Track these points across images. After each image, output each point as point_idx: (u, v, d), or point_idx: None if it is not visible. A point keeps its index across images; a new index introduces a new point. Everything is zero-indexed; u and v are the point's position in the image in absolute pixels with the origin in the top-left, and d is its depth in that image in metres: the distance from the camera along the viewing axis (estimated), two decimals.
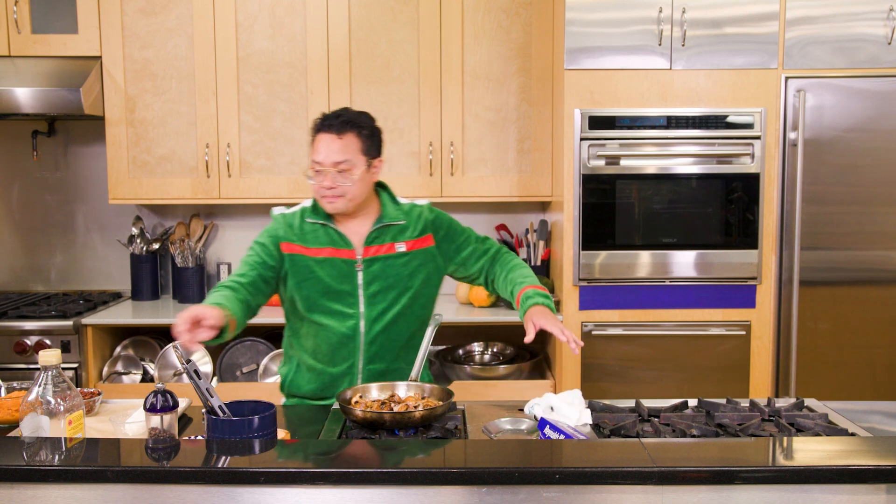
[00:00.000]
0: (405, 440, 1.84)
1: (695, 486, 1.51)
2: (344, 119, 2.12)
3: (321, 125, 2.14)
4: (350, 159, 2.11)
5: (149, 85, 3.57)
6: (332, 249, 2.17)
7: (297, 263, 2.18)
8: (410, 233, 2.22)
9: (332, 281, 2.16)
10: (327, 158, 2.10)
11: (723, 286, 3.29)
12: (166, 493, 1.52)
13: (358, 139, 2.13)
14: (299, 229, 2.20)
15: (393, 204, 2.25)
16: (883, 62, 3.21)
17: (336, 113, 2.15)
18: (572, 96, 3.24)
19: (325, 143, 2.11)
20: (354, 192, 2.13)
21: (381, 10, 3.53)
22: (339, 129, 2.11)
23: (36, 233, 3.97)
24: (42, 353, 1.68)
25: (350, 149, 2.11)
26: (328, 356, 2.21)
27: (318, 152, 2.12)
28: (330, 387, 2.22)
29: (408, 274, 2.20)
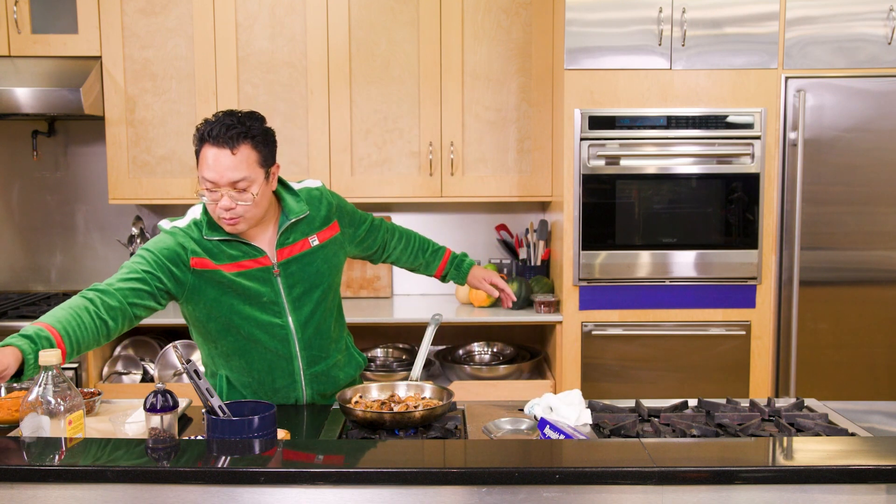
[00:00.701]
0: (405, 440, 1.84)
1: (695, 486, 1.51)
2: (236, 131, 1.88)
3: (209, 136, 1.90)
4: (248, 175, 1.89)
5: (149, 85, 3.57)
6: (244, 263, 2.00)
7: (209, 279, 1.99)
8: (318, 223, 2.09)
9: (251, 293, 2.01)
10: (221, 178, 1.88)
11: (723, 286, 3.29)
12: (166, 493, 1.52)
13: (253, 150, 1.91)
14: (203, 244, 2.00)
15: (292, 196, 2.06)
16: (883, 62, 3.21)
17: (224, 122, 1.90)
18: (572, 96, 3.24)
19: (216, 159, 1.88)
20: (255, 211, 1.94)
21: (381, 10, 3.53)
22: (231, 142, 1.88)
23: (36, 233, 3.97)
24: (42, 353, 1.68)
25: (246, 163, 1.89)
26: (267, 372, 2.09)
27: (208, 169, 1.89)
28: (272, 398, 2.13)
29: (326, 267, 2.10)
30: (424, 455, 1.63)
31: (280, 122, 3.58)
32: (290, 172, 3.59)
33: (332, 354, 2.19)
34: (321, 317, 2.12)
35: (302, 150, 3.58)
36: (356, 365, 2.29)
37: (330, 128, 3.57)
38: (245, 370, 2.10)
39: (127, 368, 3.51)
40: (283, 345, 2.08)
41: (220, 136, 1.88)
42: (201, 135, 1.93)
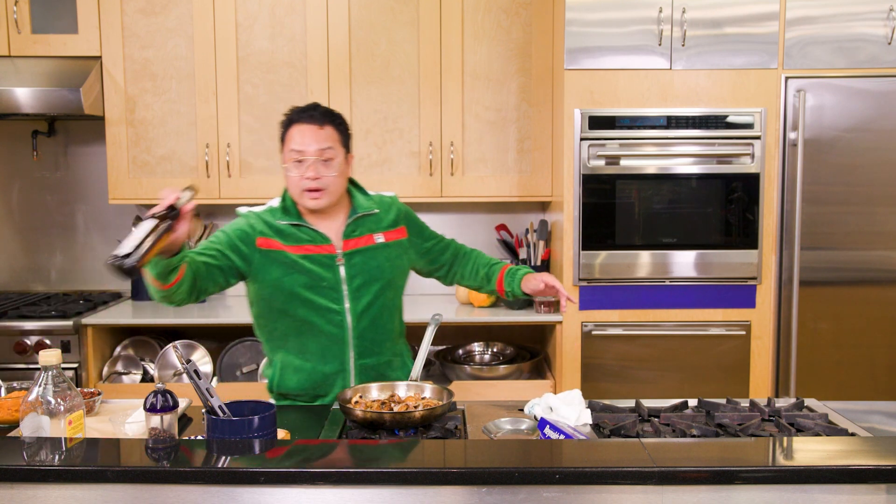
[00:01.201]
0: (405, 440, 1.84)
1: (695, 486, 1.51)
2: (322, 111, 2.13)
3: (298, 117, 2.12)
4: (332, 147, 2.09)
5: (149, 85, 3.57)
6: (310, 246, 2.13)
7: (275, 259, 2.12)
8: (386, 223, 2.21)
9: (313, 277, 2.12)
10: (310, 147, 2.07)
11: (723, 286, 3.29)
12: (166, 493, 1.52)
13: (336, 131, 2.13)
14: (272, 228, 2.15)
15: (363, 195, 2.23)
16: (883, 62, 3.21)
17: (313, 105, 2.15)
18: (572, 96, 3.24)
19: (307, 132, 2.09)
20: (336, 186, 2.11)
21: (381, 10, 3.53)
22: (320, 120, 2.10)
23: (36, 233, 3.97)
24: (42, 353, 1.68)
25: (332, 137, 2.11)
26: (318, 355, 2.16)
27: (297, 142, 2.08)
28: (322, 385, 2.18)
29: (388, 265, 2.19)
30: (424, 455, 1.63)
31: None
32: None
33: (385, 352, 2.21)
34: (378, 311, 2.17)
35: None
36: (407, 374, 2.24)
37: None
38: (299, 353, 2.15)
39: (127, 368, 3.51)
40: (338, 330, 2.13)
41: (312, 115, 2.10)
42: (289, 118, 2.14)
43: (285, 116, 2.16)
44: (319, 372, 2.17)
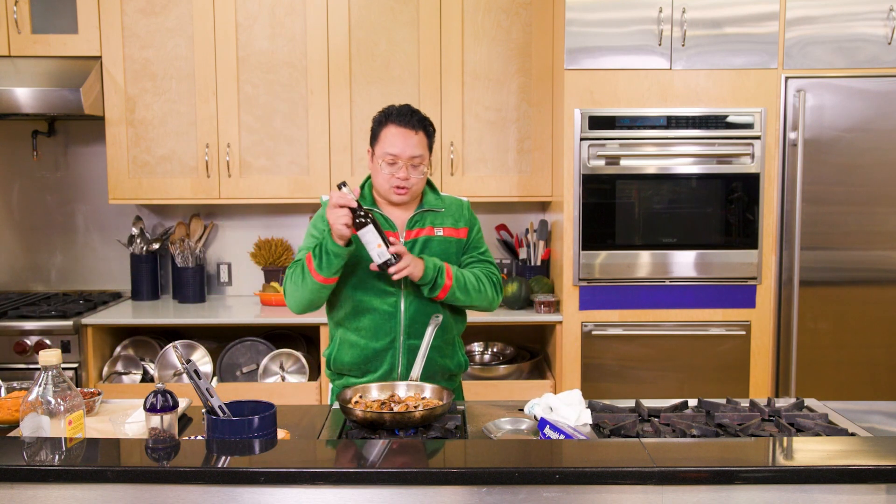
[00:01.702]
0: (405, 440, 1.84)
1: (695, 486, 1.51)
2: (418, 117, 2.25)
3: (397, 119, 2.23)
4: (422, 154, 2.24)
5: (149, 85, 3.57)
6: None
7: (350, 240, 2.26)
8: (450, 221, 2.34)
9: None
10: (404, 152, 2.21)
11: (723, 286, 3.29)
12: (166, 493, 1.52)
13: (426, 137, 2.27)
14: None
15: (433, 194, 2.37)
16: (883, 62, 3.21)
17: (409, 110, 2.26)
18: (572, 96, 3.24)
19: (403, 137, 2.22)
20: (420, 185, 2.28)
21: (381, 10, 3.53)
22: (416, 126, 2.23)
23: (36, 233, 3.97)
24: (42, 353, 1.68)
25: (423, 144, 2.25)
26: (371, 332, 2.28)
27: (394, 145, 2.22)
28: (372, 360, 2.28)
29: (443, 255, 2.30)
30: (424, 455, 1.63)
31: (280, 122, 3.58)
32: (290, 172, 3.59)
33: (435, 338, 2.27)
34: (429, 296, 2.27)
35: (302, 150, 3.58)
36: (457, 363, 2.37)
37: (330, 128, 3.57)
38: (355, 330, 2.30)
39: (127, 368, 3.51)
40: (391, 309, 2.26)
41: (410, 120, 2.23)
42: (385, 117, 2.25)
43: (380, 113, 2.28)
44: (371, 348, 2.28)
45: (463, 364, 2.39)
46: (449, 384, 2.34)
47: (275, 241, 3.89)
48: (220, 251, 3.98)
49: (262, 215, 3.95)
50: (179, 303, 3.77)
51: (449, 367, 2.34)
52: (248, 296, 3.95)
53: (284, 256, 3.88)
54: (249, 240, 3.96)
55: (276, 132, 3.59)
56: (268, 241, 3.90)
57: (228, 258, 3.98)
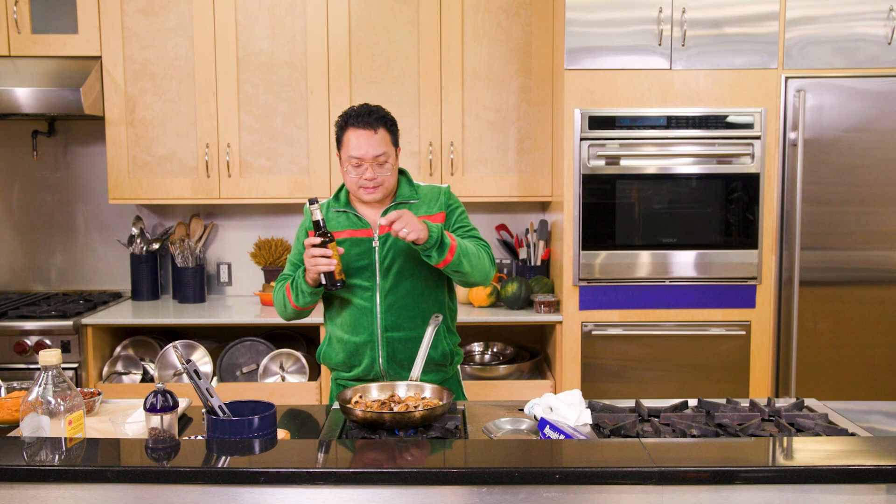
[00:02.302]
0: (405, 440, 1.84)
1: (695, 486, 1.51)
2: (376, 115, 2.26)
3: (355, 121, 2.26)
4: (386, 151, 2.26)
5: (149, 85, 3.57)
6: (351, 231, 2.33)
7: None
8: (423, 210, 2.33)
9: (352, 258, 2.30)
10: (367, 153, 2.23)
11: (723, 286, 3.29)
12: (166, 493, 1.52)
13: (388, 133, 2.28)
14: (325, 217, 2.35)
15: (408, 186, 2.38)
16: (883, 62, 3.21)
17: (365, 110, 2.27)
18: (572, 96, 3.24)
19: (364, 138, 2.24)
20: (390, 181, 2.30)
21: (381, 10, 3.53)
22: (374, 124, 2.25)
23: (36, 233, 3.97)
24: (42, 353, 1.68)
25: (385, 142, 2.26)
26: (351, 327, 2.34)
27: (356, 148, 2.24)
28: (355, 355, 2.33)
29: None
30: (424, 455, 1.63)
31: (280, 122, 3.58)
32: (290, 172, 3.59)
33: (416, 328, 2.30)
34: (407, 288, 2.31)
35: (302, 150, 3.58)
36: (442, 352, 2.35)
37: (330, 128, 3.57)
38: (339, 327, 2.38)
39: (127, 368, 3.51)
40: (367, 304, 2.31)
41: (364, 120, 2.25)
42: (344, 121, 2.28)
43: (340, 118, 2.30)
44: (352, 342, 2.33)
45: (449, 354, 2.37)
46: (436, 375, 2.33)
47: (275, 241, 3.89)
48: (220, 251, 3.98)
49: (262, 215, 3.95)
50: (179, 303, 3.77)
51: (434, 358, 2.33)
52: (248, 296, 3.96)
53: (284, 256, 3.88)
54: (249, 240, 3.96)
55: (276, 132, 3.59)
56: (268, 241, 3.90)
57: (228, 258, 3.98)
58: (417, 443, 1.76)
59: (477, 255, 2.26)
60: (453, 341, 2.42)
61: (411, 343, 2.29)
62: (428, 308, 2.34)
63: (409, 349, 2.30)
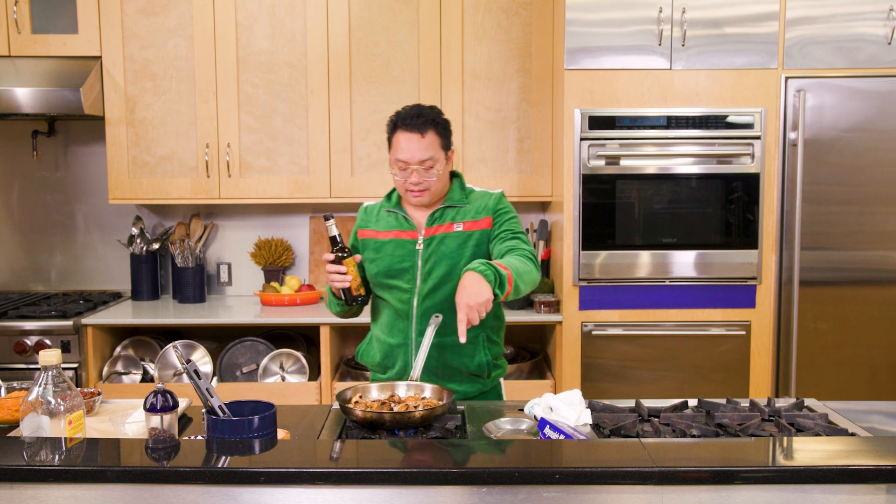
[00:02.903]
0: (405, 440, 1.84)
1: (695, 486, 1.51)
2: (424, 118, 2.23)
3: (402, 124, 2.24)
4: (433, 156, 2.23)
5: (149, 85, 3.57)
6: (397, 231, 2.32)
7: (367, 245, 2.35)
8: (471, 214, 2.31)
9: (394, 260, 2.29)
10: (412, 157, 2.21)
11: (723, 286, 3.29)
12: (166, 493, 1.52)
13: (437, 136, 2.25)
14: (376, 217, 2.37)
15: (460, 190, 2.35)
16: (883, 62, 3.21)
17: (415, 112, 2.25)
18: (572, 96, 3.24)
19: (409, 141, 2.22)
20: (438, 185, 2.27)
21: (381, 10, 3.53)
22: (421, 128, 2.21)
23: (36, 233, 3.97)
24: (42, 353, 1.68)
25: (432, 146, 2.23)
26: (388, 328, 2.33)
27: (402, 151, 2.22)
28: (389, 356, 2.32)
29: (461, 251, 2.27)
30: (424, 455, 1.63)
31: (280, 122, 3.58)
32: (290, 172, 3.59)
33: (449, 336, 2.24)
34: (446, 293, 2.24)
35: (302, 150, 3.58)
36: (479, 363, 2.29)
37: (330, 128, 3.57)
38: (379, 326, 2.38)
39: (127, 368, 3.51)
40: (404, 307, 2.29)
41: (412, 123, 2.22)
42: (394, 123, 2.26)
43: (391, 118, 2.28)
44: (387, 343, 2.33)
45: (486, 365, 2.30)
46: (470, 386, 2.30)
47: (275, 241, 3.89)
48: (220, 251, 3.98)
49: (262, 215, 3.95)
50: (179, 303, 3.77)
51: (468, 367, 2.29)
52: (248, 296, 3.96)
53: (284, 256, 3.88)
54: (249, 240, 3.96)
55: (276, 132, 3.59)
56: (268, 241, 3.90)
57: (228, 258, 3.98)
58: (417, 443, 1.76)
59: (527, 270, 2.15)
60: (494, 352, 2.35)
61: (446, 350, 2.26)
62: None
63: (442, 356, 2.26)
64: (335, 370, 3.48)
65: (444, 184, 2.30)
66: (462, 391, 2.29)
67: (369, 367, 2.43)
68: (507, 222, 2.32)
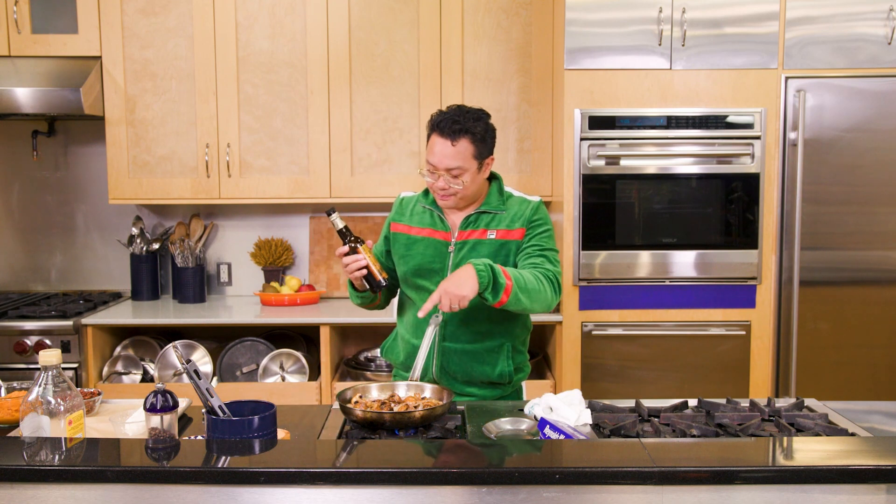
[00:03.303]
0: (405, 440, 1.84)
1: (695, 486, 1.51)
2: (459, 127, 2.17)
3: (437, 128, 2.20)
4: (461, 165, 2.17)
5: (149, 85, 3.57)
6: (430, 230, 2.29)
7: (399, 241, 2.32)
8: (505, 222, 2.26)
9: (425, 259, 2.27)
10: (440, 163, 2.18)
11: (723, 286, 3.29)
12: (166, 493, 1.52)
13: (471, 145, 2.18)
14: (411, 211, 2.34)
15: (497, 195, 2.31)
16: (883, 62, 3.21)
17: (452, 116, 2.20)
18: (572, 96, 3.24)
19: (440, 147, 2.18)
20: (465, 192, 2.22)
21: (381, 10, 3.53)
22: (454, 135, 2.17)
23: (36, 233, 3.97)
24: (42, 353, 1.68)
25: (462, 155, 2.17)
26: (413, 328, 2.31)
27: (432, 154, 2.20)
28: (412, 356, 2.26)
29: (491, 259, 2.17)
30: (424, 455, 1.63)
31: (280, 122, 3.58)
32: (290, 172, 3.59)
33: (473, 343, 2.25)
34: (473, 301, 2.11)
35: (302, 150, 3.58)
36: (500, 372, 2.27)
37: (330, 128, 3.57)
38: (404, 325, 2.36)
39: (127, 368, 3.51)
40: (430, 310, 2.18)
41: (447, 128, 2.18)
42: (432, 125, 2.23)
43: (432, 116, 2.24)
44: (411, 343, 2.31)
45: (507, 375, 2.28)
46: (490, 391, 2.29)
47: (275, 241, 3.89)
48: (220, 251, 3.98)
49: (262, 215, 3.95)
50: (179, 303, 3.77)
51: (489, 376, 2.27)
52: (248, 296, 3.96)
53: (284, 256, 3.88)
54: (249, 240, 3.96)
55: (276, 132, 3.59)
56: (268, 241, 3.90)
57: (228, 258, 3.98)
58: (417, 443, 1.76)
59: (537, 288, 2.11)
60: (518, 361, 2.33)
61: (466, 357, 2.25)
62: (493, 325, 2.27)
63: (463, 363, 2.25)
64: (335, 370, 3.48)
65: (478, 189, 2.26)
66: (482, 395, 2.29)
67: (393, 365, 2.42)
68: (539, 236, 2.25)
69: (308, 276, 3.94)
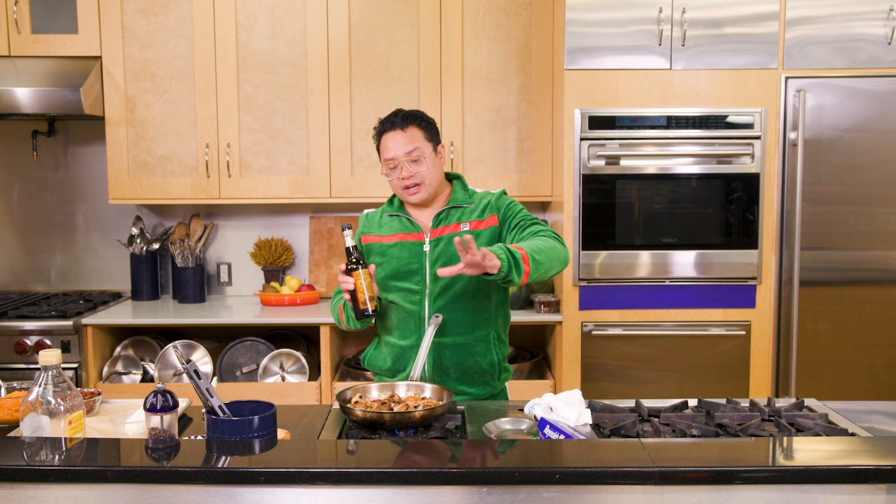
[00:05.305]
0: (405, 440, 1.84)
1: (695, 486, 1.51)
2: (403, 115, 2.28)
3: (383, 127, 2.29)
4: (418, 146, 2.25)
5: (149, 85, 3.57)
6: (402, 234, 2.33)
7: (373, 251, 2.36)
8: (477, 214, 2.31)
9: (401, 262, 2.30)
10: (398, 152, 2.25)
11: (723, 286, 3.29)
12: (166, 493, 1.52)
13: (420, 129, 2.28)
14: (378, 222, 2.39)
15: (462, 191, 2.37)
16: (883, 62, 3.21)
17: (393, 113, 2.30)
18: (572, 96, 3.24)
19: (392, 139, 2.26)
20: (431, 178, 2.28)
21: (381, 10, 3.53)
22: (402, 124, 2.27)
23: (36, 233, 3.97)
24: (42, 353, 1.68)
25: (415, 138, 2.26)
26: (399, 330, 2.33)
27: (387, 150, 2.27)
28: (401, 359, 2.31)
29: None
30: (424, 455, 1.63)
31: (280, 122, 3.58)
32: (290, 172, 3.59)
33: (464, 334, 2.28)
34: (457, 293, 2.27)
35: (302, 150, 3.58)
36: (490, 361, 2.31)
37: (330, 128, 3.57)
38: (389, 329, 2.37)
39: (127, 368, 3.51)
40: (416, 308, 2.29)
41: (394, 121, 2.28)
42: (378, 131, 2.31)
43: (375, 129, 2.33)
44: (398, 346, 2.32)
45: (497, 365, 2.32)
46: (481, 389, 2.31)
47: (275, 241, 3.89)
48: (220, 251, 3.98)
49: (262, 215, 3.95)
50: (179, 303, 3.77)
51: (481, 366, 2.30)
52: (248, 296, 3.96)
53: (284, 256, 3.88)
54: (249, 240, 3.96)
55: (276, 132, 3.59)
56: (268, 241, 3.90)
57: (228, 258, 3.98)
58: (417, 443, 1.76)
59: (549, 247, 2.09)
60: (503, 352, 2.37)
61: (459, 350, 2.28)
62: (478, 315, 2.30)
63: (456, 356, 2.28)
64: (335, 370, 3.48)
65: (440, 180, 2.31)
66: (473, 393, 2.31)
67: (377, 373, 2.40)
68: (518, 214, 2.31)
69: (308, 276, 3.94)
